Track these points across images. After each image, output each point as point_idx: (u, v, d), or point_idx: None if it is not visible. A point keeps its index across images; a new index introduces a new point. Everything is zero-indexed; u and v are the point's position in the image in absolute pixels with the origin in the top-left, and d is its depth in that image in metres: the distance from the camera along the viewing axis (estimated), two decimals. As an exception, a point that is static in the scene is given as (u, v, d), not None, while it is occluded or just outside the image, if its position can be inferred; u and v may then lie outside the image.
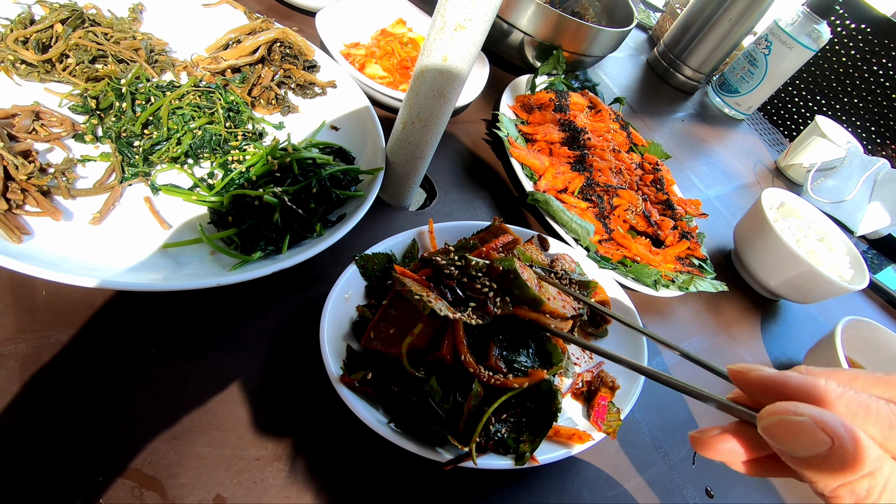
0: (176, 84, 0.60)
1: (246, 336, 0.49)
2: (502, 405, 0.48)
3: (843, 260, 0.84)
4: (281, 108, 0.67)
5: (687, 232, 0.81)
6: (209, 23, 0.70)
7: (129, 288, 0.42)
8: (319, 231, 0.54)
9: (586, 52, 0.96)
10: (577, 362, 0.60)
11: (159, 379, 0.43)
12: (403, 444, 0.44)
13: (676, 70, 1.36)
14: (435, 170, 0.75)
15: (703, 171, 1.15)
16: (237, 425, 0.43)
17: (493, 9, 0.50)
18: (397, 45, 0.80)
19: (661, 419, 0.62)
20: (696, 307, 0.79)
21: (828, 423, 0.21)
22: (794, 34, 1.23)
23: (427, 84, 0.56)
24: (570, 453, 0.50)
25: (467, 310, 0.48)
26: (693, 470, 0.59)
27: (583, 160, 0.82)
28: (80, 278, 0.40)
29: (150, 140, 0.55)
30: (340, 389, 0.44)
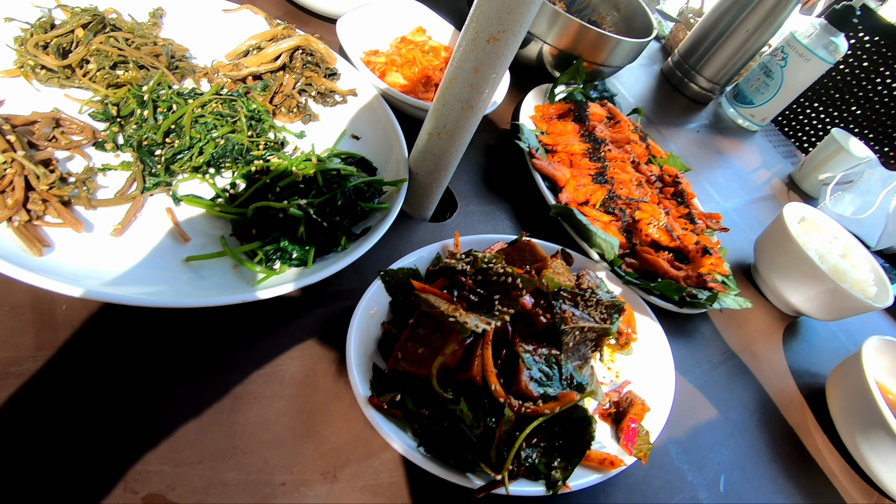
0: (198, 91, 0.59)
1: (269, 354, 0.47)
2: (534, 430, 0.46)
3: (868, 277, 0.83)
4: (302, 116, 0.66)
5: (709, 247, 0.79)
6: (229, 28, 0.69)
7: (150, 304, 0.41)
8: (344, 245, 0.53)
9: (606, 63, 0.95)
10: (603, 381, 0.59)
11: (182, 399, 0.42)
12: (434, 469, 0.42)
13: (691, 80, 1.35)
14: (454, 180, 0.74)
15: (719, 182, 1.14)
16: (262, 448, 0.42)
17: (528, 20, 0.49)
18: (418, 53, 0.79)
19: (686, 441, 0.61)
20: (719, 324, 0.78)
21: None
22: (811, 46, 1.22)
23: (455, 95, 0.55)
24: (603, 479, 0.48)
25: (494, 306, 0.47)
26: (722, 494, 0.58)
27: (603, 172, 0.81)
28: (100, 294, 0.38)
29: (171, 149, 0.53)
30: (369, 412, 0.43)
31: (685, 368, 0.69)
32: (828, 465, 0.68)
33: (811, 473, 0.66)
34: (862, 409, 0.67)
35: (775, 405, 0.71)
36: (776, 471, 0.64)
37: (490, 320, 0.46)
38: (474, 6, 0.50)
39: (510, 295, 0.48)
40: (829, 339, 0.90)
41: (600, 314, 0.56)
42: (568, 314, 0.54)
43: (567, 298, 0.55)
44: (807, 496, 0.63)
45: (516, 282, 0.49)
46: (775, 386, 0.74)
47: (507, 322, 0.49)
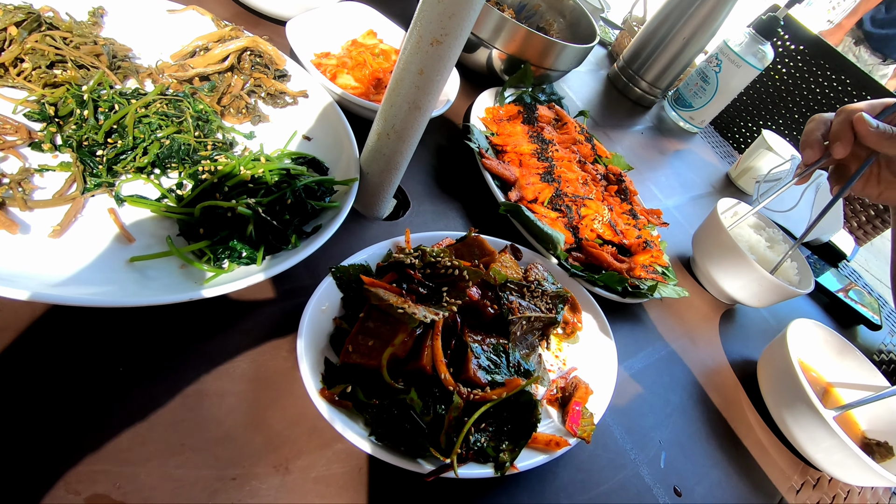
0: (141, 91, 0.58)
1: (220, 352, 0.47)
2: (482, 415, 0.48)
3: (792, 265, 0.90)
4: (251, 117, 0.66)
5: (650, 241, 0.84)
6: (174, 29, 0.68)
7: (93, 304, 0.40)
8: (295, 243, 0.53)
9: (553, 67, 0.99)
10: (551, 368, 0.62)
11: (129, 399, 0.42)
12: (385, 457, 0.44)
13: (635, 85, 1.42)
14: (407, 180, 0.76)
15: (661, 181, 1.20)
16: (213, 445, 0.42)
17: (468, 25, 0.51)
18: (369, 55, 0.80)
19: (629, 422, 0.65)
20: (660, 312, 0.83)
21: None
22: (742, 54, 1.31)
23: (402, 96, 0.57)
24: (549, 459, 0.51)
25: (443, 298, 0.49)
26: (662, 470, 0.62)
27: (551, 171, 0.84)
28: (40, 295, 0.38)
29: (114, 149, 0.52)
30: (319, 403, 0.44)
31: (629, 354, 0.73)
32: (759, 439, 0.74)
33: (744, 448, 0.71)
34: (787, 387, 0.72)
35: (712, 385, 0.77)
36: (712, 447, 0.69)
37: (438, 311, 0.47)
38: (417, 10, 0.52)
39: (458, 287, 0.50)
40: (760, 323, 0.96)
41: (546, 304, 0.59)
42: (515, 305, 0.56)
43: (514, 290, 0.58)
44: (740, 468, 0.68)
45: (463, 274, 0.51)
46: (711, 368, 0.80)
47: (455, 313, 0.51)
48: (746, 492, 0.66)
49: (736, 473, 0.67)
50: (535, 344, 0.60)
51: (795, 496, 0.70)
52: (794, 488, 0.71)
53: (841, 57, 1.66)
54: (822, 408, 0.68)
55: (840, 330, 1.12)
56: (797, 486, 0.71)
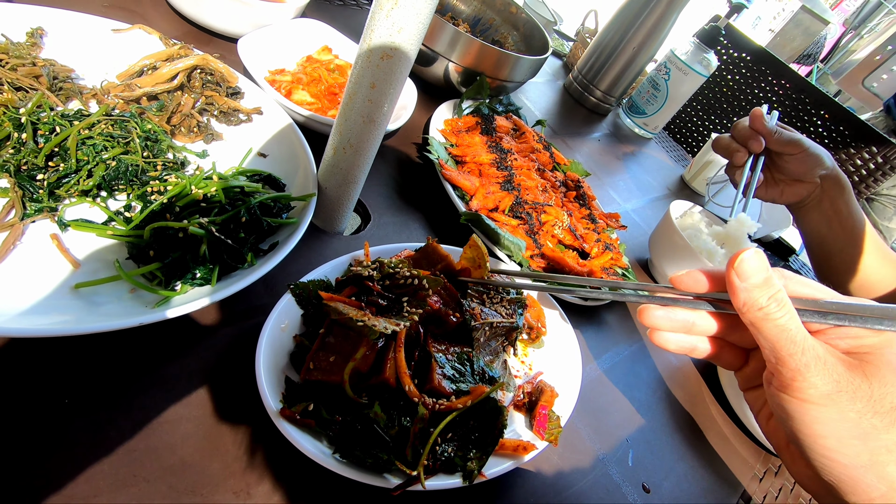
0: (85, 113, 0.56)
1: (175, 376, 0.46)
2: (448, 425, 0.48)
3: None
4: (204, 135, 0.65)
5: (609, 244, 0.86)
6: (120, 49, 0.67)
7: (33, 334, 0.38)
8: (251, 261, 0.52)
9: (508, 78, 1.01)
10: (517, 374, 0.62)
11: (75, 432, 0.40)
12: (350, 474, 0.43)
13: (590, 94, 1.46)
14: (368, 194, 0.76)
15: (620, 186, 1.24)
16: (167, 474, 0.41)
17: (418, 38, 0.52)
18: (324, 71, 0.80)
19: (597, 422, 0.66)
20: (621, 314, 0.85)
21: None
22: (688, 62, 1.38)
23: (356, 110, 0.57)
24: (517, 465, 0.51)
25: (403, 308, 0.49)
26: (630, 468, 0.63)
27: (511, 180, 0.86)
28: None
29: (56, 173, 0.51)
30: (280, 423, 0.43)
31: (594, 356, 0.74)
32: (721, 431, 0.76)
33: (707, 441, 0.73)
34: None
35: (675, 382, 0.79)
36: (677, 441, 0.70)
37: (399, 321, 0.47)
38: (367, 25, 0.52)
39: (418, 296, 0.50)
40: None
41: (506, 310, 0.59)
42: (477, 311, 0.57)
43: (474, 296, 0.58)
44: (704, 461, 0.70)
45: (423, 283, 0.51)
46: (673, 365, 0.82)
47: (417, 323, 0.51)
48: (712, 483, 0.68)
49: (701, 466, 0.69)
50: (498, 350, 0.60)
51: (759, 484, 0.72)
52: (757, 477, 0.73)
53: (781, 63, 1.76)
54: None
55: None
56: (759, 475, 0.74)
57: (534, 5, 1.47)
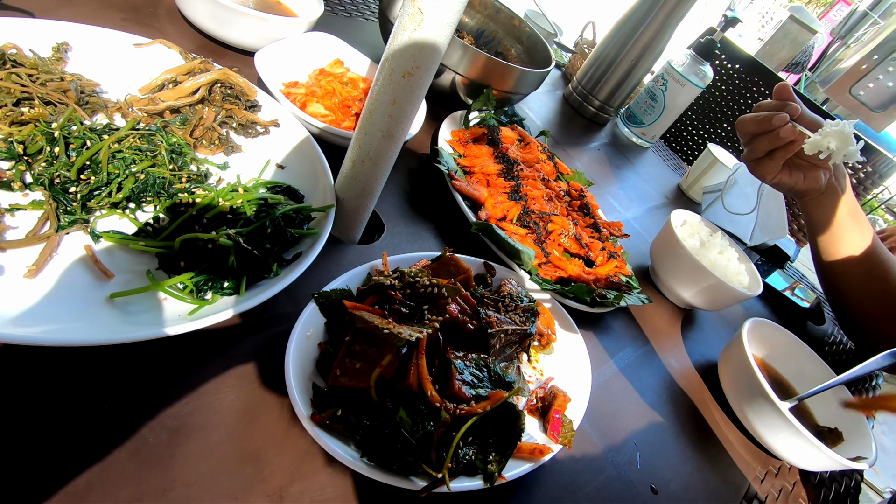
0: (112, 127, 0.58)
1: (206, 384, 0.47)
2: (469, 429, 0.50)
3: (741, 269, 0.96)
4: (224, 147, 0.66)
5: (613, 252, 0.89)
6: (142, 63, 0.68)
7: (74, 343, 0.40)
8: (276, 271, 0.54)
9: (513, 90, 1.04)
10: (530, 380, 0.64)
11: (117, 438, 0.41)
12: (379, 476, 0.45)
13: (589, 104, 1.50)
14: (381, 203, 0.78)
15: (619, 194, 1.27)
16: (204, 478, 0.42)
17: (438, 57, 0.55)
18: (338, 84, 0.82)
19: (606, 426, 0.68)
20: (626, 320, 0.87)
21: None
22: (685, 74, 1.41)
23: (376, 125, 0.59)
24: (534, 467, 0.53)
25: (424, 316, 0.51)
26: (638, 470, 0.65)
27: (518, 190, 0.88)
28: (17, 336, 0.37)
29: (87, 185, 0.52)
30: (311, 428, 0.45)
31: (601, 361, 0.76)
32: (724, 434, 0.78)
33: (711, 443, 0.76)
34: (746, 383, 0.78)
35: (678, 386, 0.81)
36: (682, 444, 0.73)
37: (422, 329, 0.49)
38: (388, 45, 0.54)
39: (437, 304, 0.52)
40: (717, 325, 1.03)
41: (520, 317, 0.61)
42: (493, 319, 0.59)
43: (490, 305, 0.60)
44: (709, 463, 0.72)
45: (442, 291, 0.53)
46: (676, 370, 0.84)
47: (437, 330, 0.53)
48: (716, 484, 0.70)
49: (706, 468, 0.71)
50: (513, 356, 0.62)
51: (760, 485, 0.75)
52: (759, 477, 0.76)
53: (771, 73, 1.81)
54: (778, 400, 0.73)
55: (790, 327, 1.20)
56: (761, 476, 0.76)
57: (535, 17, 1.51)
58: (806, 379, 0.90)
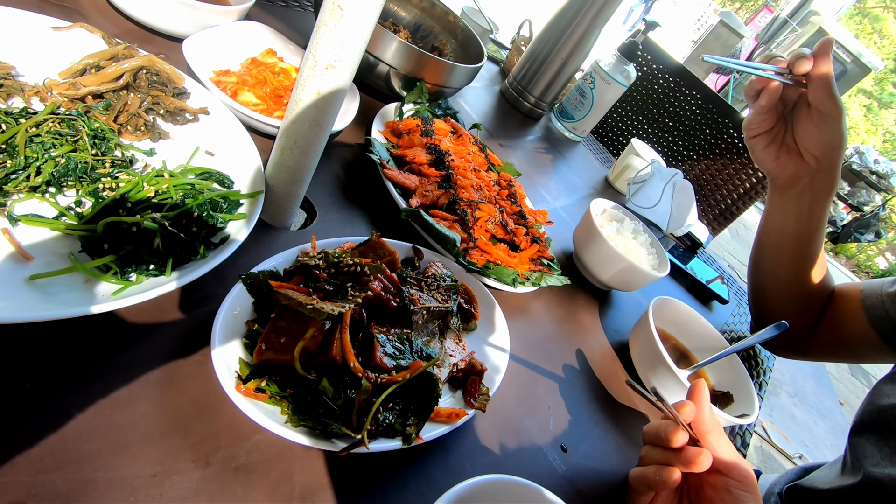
0: (30, 111, 0.58)
1: (133, 362, 0.49)
2: (389, 396, 0.54)
3: (651, 252, 1.06)
4: (151, 134, 0.67)
5: (537, 237, 0.96)
6: (61, 47, 0.67)
7: (-6, 322, 0.41)
8: (203, 253, 0.56)
9: (446, 84, 1.09)
10: (453, 354, 0.70)
11: (39, 413, 0.43)
12: (301, 440, 0.48)
13: (524, 99, 1.57)
14: (313, 191, 0.80)
15: (550, 185, 1.35)
16: (130, 446, 0.44)
17: (359, 52, 0.58)
18: (269, 74, 0.84)
19: (522, 394, 0.74)
20: (548, 301, 0.94)
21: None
22: (611, 73, 1.51)
23: (303, 115, 0.62)
24: (451, 429, 0.58)
25: (348, 293, 0.54)
26: (550, 432, 0.72)
27: (448, 179, 0.93)
28: None
29: (3, 169, 0.52)
30: (236, 397, 0.48)
31: (521, 338, 0.83)
32: (630, 397, 0.87)
33: (619, 408, 0.84)
34: (650, 353, 0.87)
35: (593, 359, 0.89)
36: (593, 409, 0.80)
37: (345, 304, 0.53)
38: (312, 38, 0.57)
39: (361, 281, 0.56)
40: (632, 304, 1.12)
41: (442, 296, 0.66)
42: (416, 297, 0.63)
43: (413, 284, 0.65)
44: (616, 425, 0.81)
45: (364, 269, 0.57)
46: (593, 346, 0.92)
47: (361, 307, 0.57)
48: (622, 442, 0.78)
49: (613, 429, 0.79)
50: (435, 332, 0.67)
51: (660, 443, 0.84)
52: (660, 437, 0.85)
53: (692, 76, 1.95)
54: (676, 368, 0.82)
55: (699, 306, 1.33)
56: (662, 435, 0.85)
57: (471, 14, 1.56)
58: (706, 349, 1.01)
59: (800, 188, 0.89)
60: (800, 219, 0.93)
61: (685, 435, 0.60)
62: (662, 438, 0.61)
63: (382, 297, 0.60)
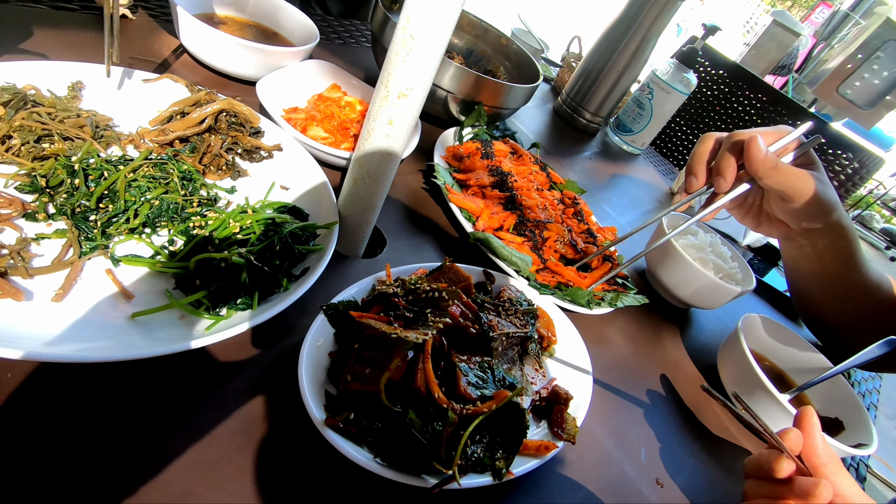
0: (127, 158, 0.62)
1: (226, 395, 0.50)
2: (476, 427, 0.52)
3: (732, 265, 0.99)
4: (231, 173, 0.70)
5: (609, 255, 0.92)
6: (151, 97, 0.72)
7: (101, 360, 0.43)
8: (286, 285, 0.57)
9: (503, 106, 1.08)
10: (533, 381, 0.67)
11: (144, 448, 0.44)
12: (392, 476, 0.47)
13: (579, 115, 1.54)
14: (382, 219, 0.81)
15: (613, 201, 1.30)
16: (227, 482, 0.44)
17: (430, 79, 0.58)
18: (336, 108, 0.86)
19: (609, 422, 0.70)
20: (624, 322, 0.90)
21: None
22: (670, 81, 1.46)
23: (375, 144, 0.62)
24: (540, 463, 0.55)
25: (428, 319, 0.53)
26: (643, 465, 0.67)
27: (513, 200, 0.91)
28: (38, 354, 0.40)
29: (106, 213, 0.55)
30: (326, 432, 0.47)
31: (601, 361, 0.79)
32: (725, 426, 0.80)
33: (713, 436, 0.78)
34: (745, 377, 0.80)
35: (678, 382, 0.83)
36: (685, 438, 0.74)
37: (427, 331, 0.52)
38: (384, 69, 0.58)
39: (440, 307, 0.55)
40: (714, 322, 1.05)
41: (520, 321, 0.64)
42: (494, 323, 0.61)
43: (491, 309, 0.63)
44: (712, 455, 0.74)
45: (442, 294, 0.56)
46: (676, 366, 0.86)
47: (441, 335, 0.56)
48: (721, 476, 0.72)
49: (709, 460, 0.73)
50: (515, 359, 0.65)
51: (764, 476, 0.76)
52: (763, 469, 0.77)
53: (754, 77, 1.86)
54: (777, 392, 0.75)
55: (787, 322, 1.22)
56: (765, 467, 0.78)
57: (521, 35, 1.56)
58: (803, 370, 0.92)
59: (797, 245, 0.80)
60: (820, 262, 0.82)
61: (791, 464, 0.54)
62: (766, 469, 0.55)
63: (461, 323, 0.59)
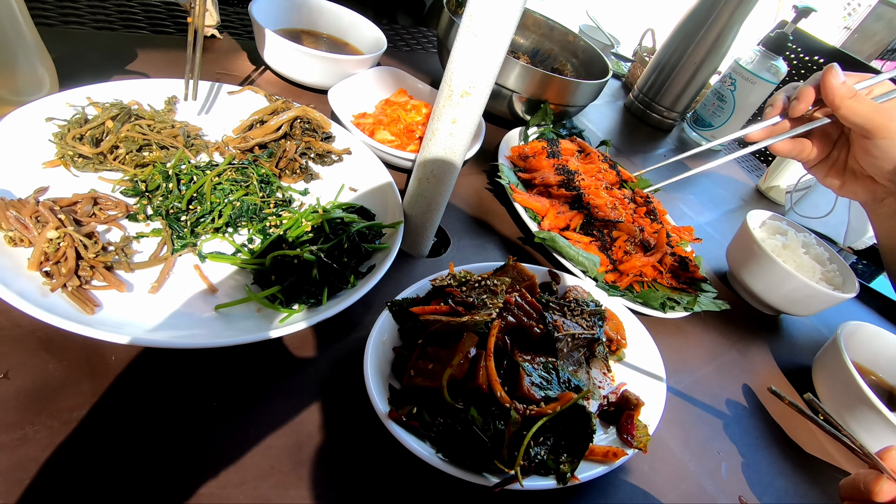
0: (213, 163, 0.67)
1: (297, 385, 0.53)
2: (539, 429, 0.51)
3: (831, 268, 0.90)
4: (305, 176, 0.74)
5: (684, 257, 0.86)
6: (234, 107, 0.78)
7: (189, 346, 0.47)
8: (353, 282, 0.59)
9: (570, 103, 1.06)
10: (601, 385, 0.64)
11: (224, 430, 0.47)
12: (454, 472, 0.47)
13: (652, 111, 1.47)
14: (446, 219, 0.82)
15: (691, 200, 1.23)
16: (299, 467, 0.47)
17: (493, 76, 0.58)
18: (402, 112, 0.88)
19: (685, 434, 0.65)
20: (704, 327, 0.84)
21: None
22: (755, 70, 1.35)
23: (439, 144, 0.63)
24: (608, 470, 0.52)
25: (486, 304, 0.54)
26: (724, 481, 0.62)
27: (580, 199, 0.89)
28: (144, 340, 0.44)
29: (195, 214, 0.60)
30: (390, 425, 0.48)
31: (677, 368, 0.74)
32: (822, 446, 0.72)
33: (807, 455, 0.70)
34: (846, 391, 0.72)
35: (766, 395, 0.76)
36: (774, 455, 0.68)
37: (490, 312, 0.52)
38: (447, 68, 0.59)
39: (494, 293, 0.55)
40: (809, 331, 0.95)
41: (586, 321, 0.62)
42: (559, 323, 0.60)
43: (556, 309, 0.61)
44: (806, 476, 0.67)
45: (493, 282, 0.56)
46: (763, 378, 0.79)
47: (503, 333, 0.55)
48: (815, 498, 0.65)
49: (803, 481, 0.66)
50: (581, 361, 0.62)
51: None
52: (869, 496, 0.69)
53: (859, 63, 1.67)
54: (886, 410, 0.67)
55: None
56: (871, 494, 0.69)
57: (590, 32, 1.52)
58: (921, 388, 0.81)
59: (889, 209, 0.69)
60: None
61: (893, 486, 0.47)
62: (864, 491, 0.49)
63: (526, 323, 0.58)
